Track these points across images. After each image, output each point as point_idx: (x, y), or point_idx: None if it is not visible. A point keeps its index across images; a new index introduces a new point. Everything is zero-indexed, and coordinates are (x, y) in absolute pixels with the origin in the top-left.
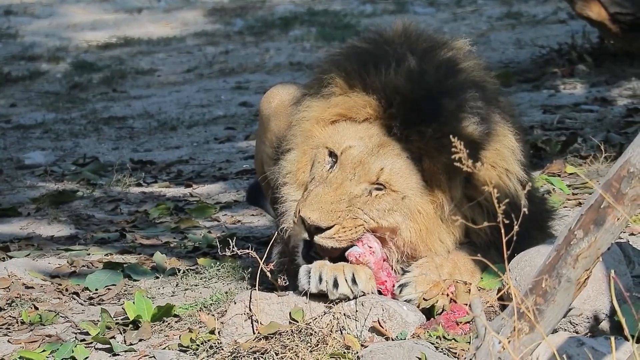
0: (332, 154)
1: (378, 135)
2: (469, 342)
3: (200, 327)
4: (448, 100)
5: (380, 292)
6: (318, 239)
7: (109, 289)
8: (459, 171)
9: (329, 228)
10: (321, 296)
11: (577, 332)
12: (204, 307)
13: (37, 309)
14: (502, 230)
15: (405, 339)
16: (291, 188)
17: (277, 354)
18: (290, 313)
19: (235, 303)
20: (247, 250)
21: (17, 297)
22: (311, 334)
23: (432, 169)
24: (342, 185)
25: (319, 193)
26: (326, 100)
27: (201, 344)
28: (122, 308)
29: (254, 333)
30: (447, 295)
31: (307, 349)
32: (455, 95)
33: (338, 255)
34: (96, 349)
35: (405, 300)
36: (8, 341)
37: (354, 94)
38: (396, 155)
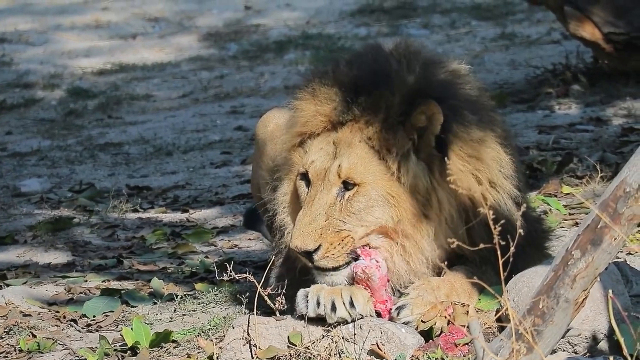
0: (303, 175)
1: (333, 137)
2: None
3: (198, 353)
4: (383, 72)
5: (379, 313)
6: (317, 262)
7: (106, 316)
8: (394, 119)
9: (317, 249)
10: (319, 320)
11: (575, 353)
12: (202, 332)
13: (35, 336)
14: (498, 251)
15: None
16: (289, 219)
17: None
18: (288, 337)
19: (233, 328)
20: (244, 275)
21: (15, 325)
22: (310, 358)
23: (378, 139)
24: (314, 200)
25: (299, 218)
26: (292, 126)
27: None
28: (120, 334)
29: (253, 357)
30: (445, 317)
31: None
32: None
33: None
34: None
35: (403, 323)
36: None
37: (307, 107)
38: (348, 146)
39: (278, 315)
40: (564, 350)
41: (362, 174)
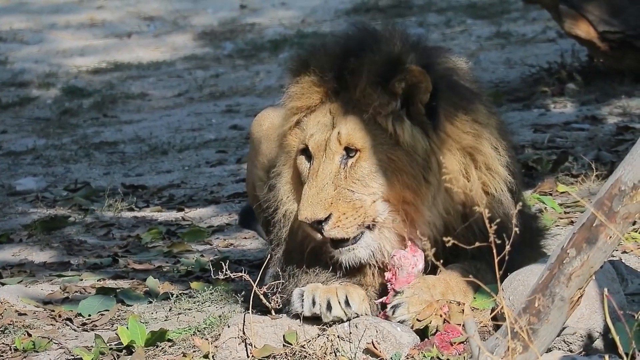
0: (304, 151)
1: (329, 108)
2: None
3: (194, 352)
4: (372, 39)
5: (386, 305)
6: (327, 232)
7: (102, 315)
8: (374, 79)
9: (328, 218)
10: (315, 319)
11: (571, 351)
12: (198, 331)
13: (30, 335)
14: (494, 250)
15: None
16: (296, 205)
17: None
18: (284, 336)
19: (228, 326)
20: (240, 274)
21: (10, 324)
22: (305, 357)
23: (363, 98)
24: (319, 171)
25: (305, 191)
26: (288, 103)
27: None
28: (116, 333)
29: (248, 356)
30: (441, 315)
31: None
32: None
33: None
34: None
35: (398, 321)
36: None
37: (300, 80)
38: (344, 114)
39: (273, 314)
40: (560, 348)
41: (361, 139)
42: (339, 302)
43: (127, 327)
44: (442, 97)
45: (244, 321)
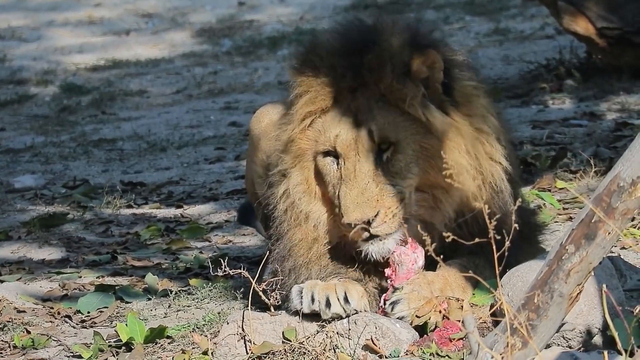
0: (329, 153)
1: (350, 106)
2: (463, 359)
3: (193, 348)
4: (374, 32)
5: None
6: (375, 230)
7: (101, 312)
8: (399, 70)
9: (376, 216)
10: (314, 316)
11: (570, 347)
12: (197, 328)
13: (29, 332)
14: (494, 247)
15: (398, 356)
16: (312, 206)
17: None
18: (283, 332)
19: (228, 323)
20: (239, 270)
21: (9, 322)
22: (304, 353)
23: (392, 92)
24: (356, 171)
25: (345, 193)
26: (298, 107)
27: None
28: (115, 330)
29: (247, 353)
30: (440, 311)
31: None
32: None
33: None
34: None
35: (397, 318)
36: None
37: (309, 83)
38: (370, 110)
39: (273, 310)
40: (559, 344)
41: (394, 133)
42: (338, 299)
43: (126, 324)
44: (451, 74)
45: (243, 318)
